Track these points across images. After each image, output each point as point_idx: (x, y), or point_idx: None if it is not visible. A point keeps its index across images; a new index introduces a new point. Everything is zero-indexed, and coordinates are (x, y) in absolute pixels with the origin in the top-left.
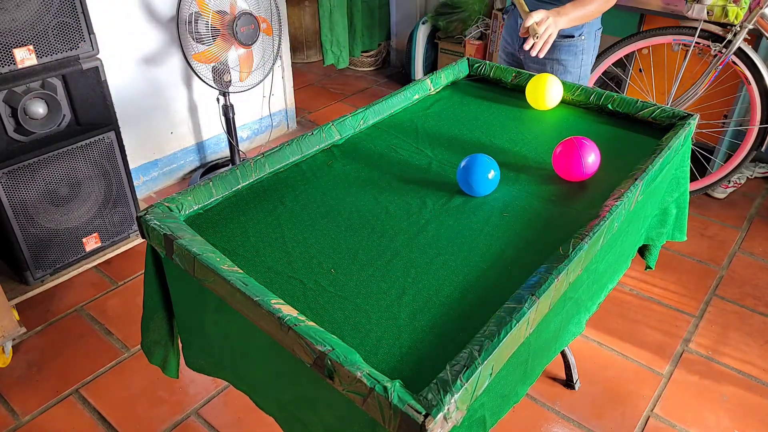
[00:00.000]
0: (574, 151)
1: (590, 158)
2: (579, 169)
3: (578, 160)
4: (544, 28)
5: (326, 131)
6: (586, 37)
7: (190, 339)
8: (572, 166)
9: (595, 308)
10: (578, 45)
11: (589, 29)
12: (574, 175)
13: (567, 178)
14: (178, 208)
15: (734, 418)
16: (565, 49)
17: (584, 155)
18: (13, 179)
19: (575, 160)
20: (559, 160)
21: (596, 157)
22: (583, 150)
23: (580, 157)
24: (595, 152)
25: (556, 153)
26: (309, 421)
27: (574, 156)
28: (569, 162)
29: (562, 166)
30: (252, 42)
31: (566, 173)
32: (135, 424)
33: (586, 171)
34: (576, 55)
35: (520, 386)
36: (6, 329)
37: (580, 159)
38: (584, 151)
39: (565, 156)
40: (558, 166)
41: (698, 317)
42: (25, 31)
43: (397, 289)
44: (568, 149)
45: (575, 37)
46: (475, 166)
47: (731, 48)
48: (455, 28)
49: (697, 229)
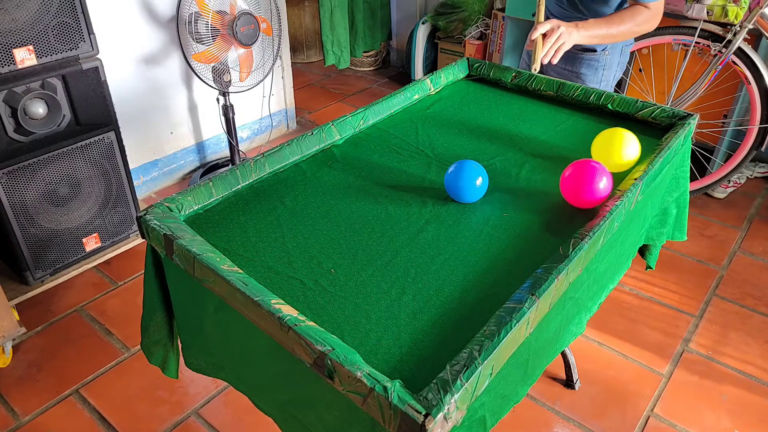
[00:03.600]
0: (586, 177)
1: (602, 183)
2: (591, 195)
3: (591, 186)
4: (553, 40)
5: (326, 131)
6: (610, 53)
7: (189, 339)
8: (583, 192)
9: (595, 308)
10: (600, 60)
11: (614, 45)
12: (584, 201)
13: (577, 205)
14: (178, 208)
15: (734, 418)
16: (586, 63)
17: (596, 180)
18: (13, 179)
19: (587, 186)
20: (569, 185)
21: (608, 181)
22: (595, 175)
23: (593, 182)
24: (607, 176)
25: (566, 177)
26: (309, 421)
27: (586, 182)
28: (580, 188)
29: (572, 192)
30: (252, 42)
31: (576, 200)
32: (135, 424)
33: (599, 195)
34: (597, 70)
35: (521, 386)
36: (6, 329)
37: (593, 185)
38: (596, 177)
39: (575, 181)
40: (568, 192)
41: (698, 317)
42: (25, 31)
43: (397, 289)
44: (579, 174)
45: (597, 52)
46: (462, 174)
47: (731, 48)
48: (455, 28)
49: (697, 229)
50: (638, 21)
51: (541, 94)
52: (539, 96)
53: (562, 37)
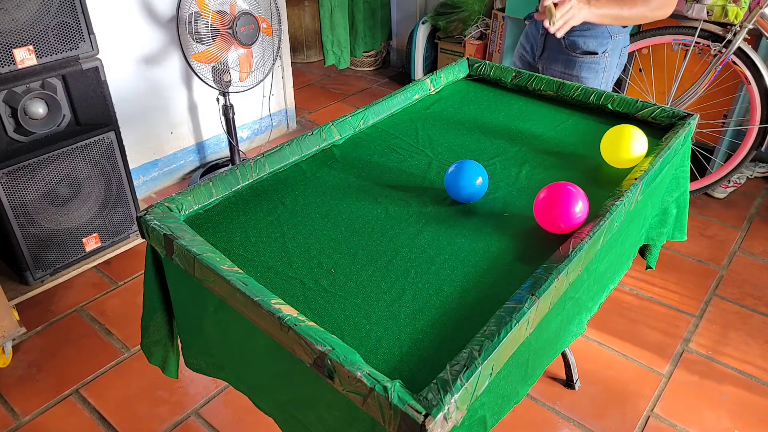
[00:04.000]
0: (560, 202)
1: (577, 207)
2: (568, 220)
3: (566, 211)
4: (564, 11)
5: (326, 131)
6: (610, 55)
7: (189, 339)
8: (558, 217)
9: (596, 308)
10: (600, 62)
11: (614, 46)
12: (559, 227)
13: (552, 230)
14: (178, 208)
15: (734, 418)
16: (587, 66)
17: (572, 204)
18: (13, 179)
19: (562, 210)
20: (542, 209)
21: (584, 205)
22: (570, 199)
23: (568, 206)
24: (583, 200)
25: (540, 200)
26: (309, 421)
27: (561, 206)
28: (554, 212)
29: (546, 216)
30: (252, 42)
31: (551, 225)
32: (135, 424)
33: (575, 221)
34: (597, 73)
35: (521, 386)
36: (6, 329)
37: (569, 209)
38: (571, 201)
39: (549, 205)
40: (542, 216)
41: (698, 317)
42: (25, 31)
43: (397, 289)
44: (553, 198)
45: (599, 54)
46: (462, 174)
47: (731, 48)
48: (455, 28)
49: (697, 229)
50: (652, 6)
51: (541, 94)
52: (539, 96)
53: (572, 10)
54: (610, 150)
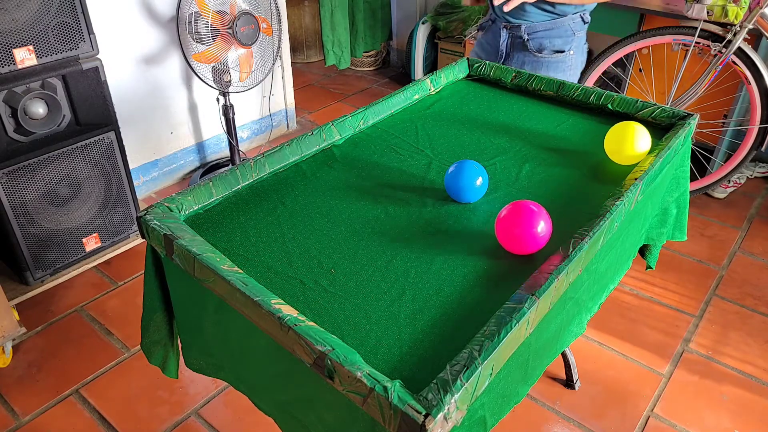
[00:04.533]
0: (522, 222)
1: (540, 227)
2: (532, 241)
3: (529, 231)
4: None
5: (326, 131)
6: (575, 53)
7: (189, 339)
8: (523, 238)
9: (596, 308)
10: (566, 61)
11: (578, 44)
12: (521, 247)
13: (513, 251)
14: (178, 208)
15: (734, 418)
16: (554, 66)
17: (534, 225)
18: (13, 179)
19: (525, 231)
20: (505, 229)
21: (546, 225)
22: (532, 220)
23: (531, 227)
24: (545, 219)
25: (501, 219)
26: (309, 421)
27: (524, 227)
28: (516, 233)
29: (508, 237)
30: (252, 42)
31: (512, 245)
32: (135, 424)
33: (538, 241)
34: (564, 72)
35: (521, 386)
36: (6, 329)
37: (531, 229)
38: (534, 221)
39: (510, 225)
40: (504, 236)
41: (698, 317)
42: (25, 31)
43: (397, 289)
44: (514, 218)
45: (565, 52)
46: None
47: (731, 48)
48: (455, 28)
49: (698, 229)
50: None
51: (541, 94)
52: (539, 96)
53: None
54: (614, 145)
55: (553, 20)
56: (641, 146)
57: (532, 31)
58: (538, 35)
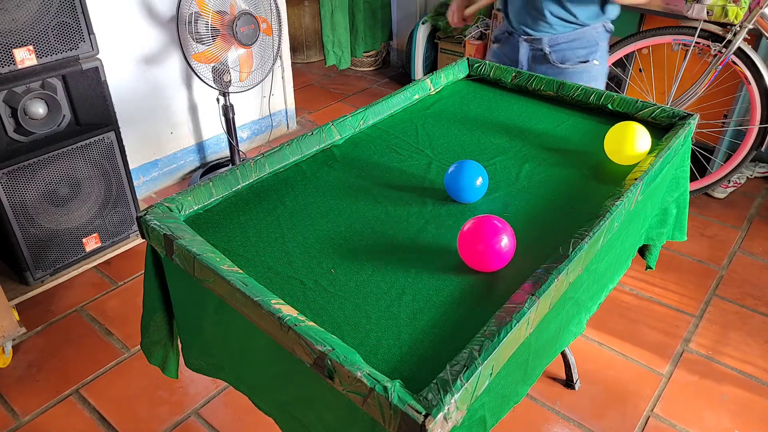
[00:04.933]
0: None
1: (503, 242)
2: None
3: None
4: None
5: (326, 131)
6: (600, 62)
7: (189, 339)
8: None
9: (595, 308)
10: (591, 71)
11: (602, 53)
12: (484, 264)
13: (477, 267)
14: (178, 208)
15: (734, 418)
16: (578, 76)
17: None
18: (13, 179)
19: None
20: (467, 245)
21: (509, 240)
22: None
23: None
24: (508, 234)
25: (464, 233)
26: (309, 421)
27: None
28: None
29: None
30: (252, 42)
31: (474, 262)
32: (135, 424)
33: (503, 257)
34: (588, 83)
35: (521, 386)
36: (6, 329)
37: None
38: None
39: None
40: (466, 252)
41: (698, 317)
42: (25, 31)
43: (397, 289)
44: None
45: (589, 62)
46: (461, 174)
47: (731, 48)
48: (455, 28)
49: (697, 229)
50: None
51: (541, 94)
52: (539, 96)
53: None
54: (614, 145)
55: (575, 30)
56: (641, 146)
57: (555, 43)
58: (560, 47)
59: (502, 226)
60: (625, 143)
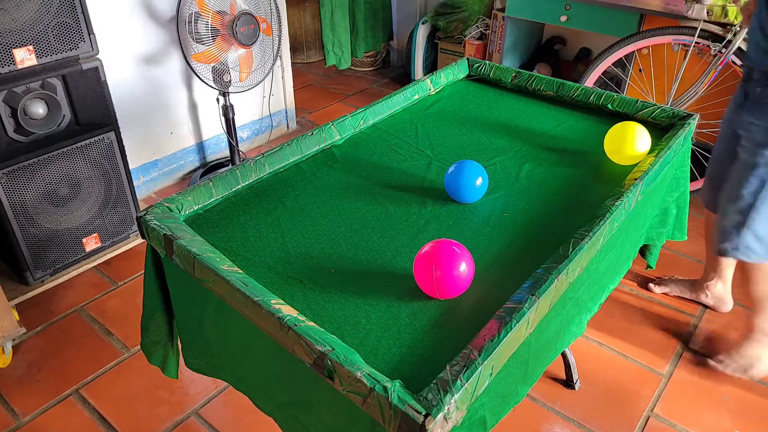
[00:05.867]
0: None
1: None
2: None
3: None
4: None
5: (326, 131)
6: None
7: (189, 339)
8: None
9: (596, 308)
10: None
11: None
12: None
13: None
14: (178, 208)
15: (734, 418)
16: None
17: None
18: (13, 179)
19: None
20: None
21: (467, 267)
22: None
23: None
24: (467, 260)
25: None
26: (309, 421)
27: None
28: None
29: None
30: (252, 42)
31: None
32: (135, 424)
33: (461, 284)
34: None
35: (521, 386)
36: (6, 329)
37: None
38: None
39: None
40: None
41: (698, 317)
42: (25, 32)
43: (397, 289)
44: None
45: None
46: (462, 174)
47: (731, 48)
48: (455, 28)
49: (697, 229)
50: None
51: (541, 94)
52: (539, 96)
53: None
54: (614, 145)
55: None
56: (641, 146)
57: None
58: None
59: (460, 251)
60: (625, 143)
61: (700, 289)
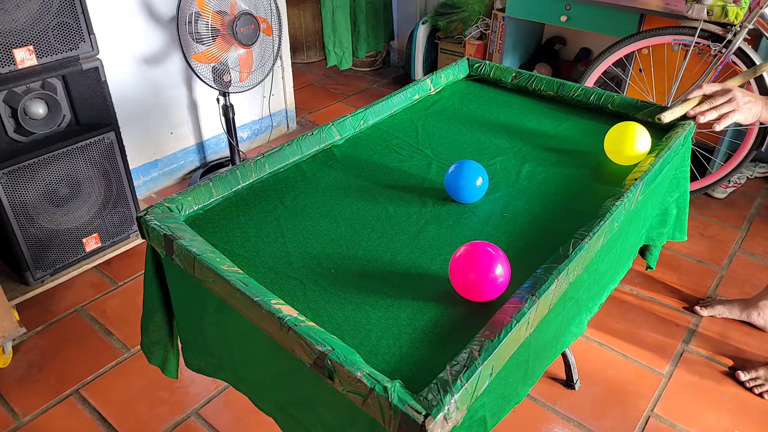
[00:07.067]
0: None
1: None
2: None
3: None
4: (717, 103)
5: (326, 131)
6: None
7: (189, 339)
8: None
9: (596, 309)
10: None
11: None
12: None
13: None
14: (178, 208)
15: (734, 418)
16: None
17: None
18: (13, 179)
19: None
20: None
21: (504, 269)
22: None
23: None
24: (503, 263)
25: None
26: (309, 421)
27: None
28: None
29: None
30: (252, 42)
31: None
32: (135, 424)
33: (497, 287)
34: None
35: (521, 387)
36: (6, 329)
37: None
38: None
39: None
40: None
41: (698, 317)
42: (25, 32)
43: (397, 289)
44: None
45: None
46: (462, 174)
47: (731, 48)
48: (455, 28)
49: (698, 229)
50: None
51: (541, 94)
52: (539, 96)
53: (732, 103)
54: (614, 145)
55: None
56: (641, 146)
57: None
58: None
59: (495, 253)
60: (625, 143)
61: (753, 308)
